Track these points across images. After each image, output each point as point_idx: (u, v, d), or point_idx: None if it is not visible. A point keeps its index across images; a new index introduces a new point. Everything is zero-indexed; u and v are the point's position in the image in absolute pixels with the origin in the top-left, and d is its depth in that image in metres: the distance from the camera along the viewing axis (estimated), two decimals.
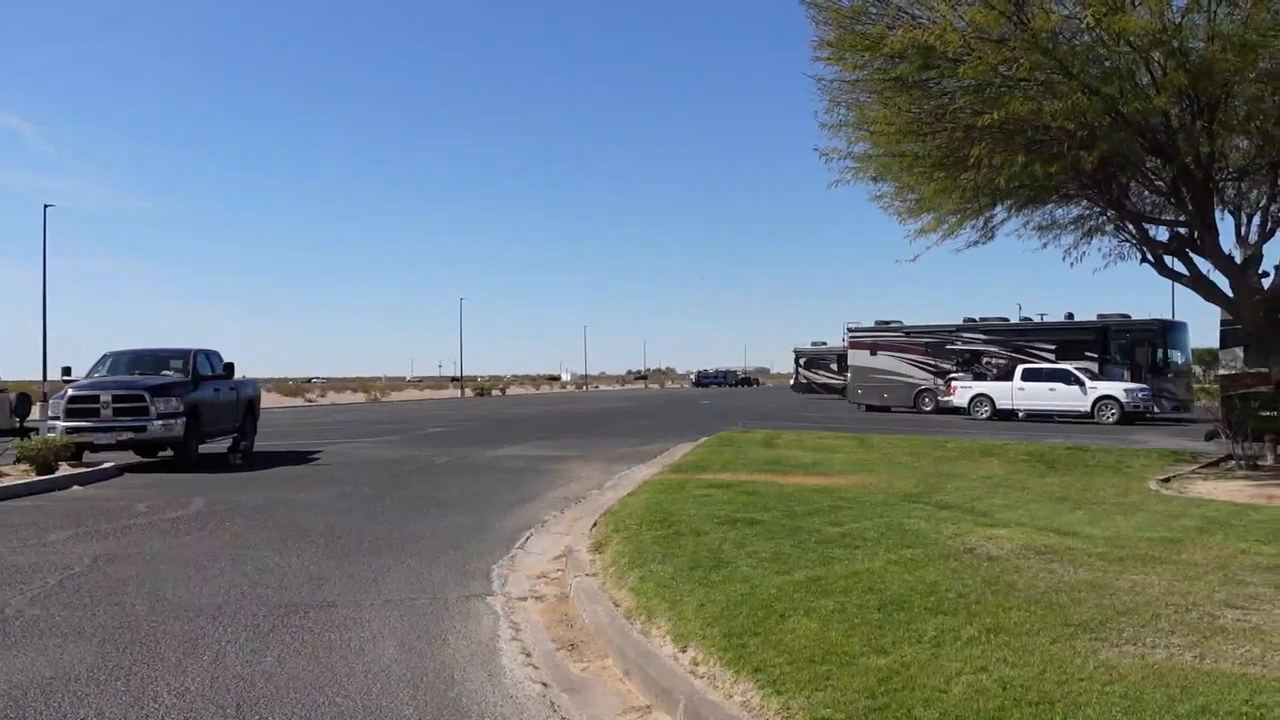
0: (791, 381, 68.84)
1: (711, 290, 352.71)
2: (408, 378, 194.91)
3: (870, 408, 41.21)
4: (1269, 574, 7.94)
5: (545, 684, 5.96)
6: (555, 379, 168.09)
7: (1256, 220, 17.43)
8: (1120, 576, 7.74)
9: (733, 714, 4.99)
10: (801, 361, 64.24)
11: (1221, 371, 21.94)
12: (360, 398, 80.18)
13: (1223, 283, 17.01)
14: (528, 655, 6.53)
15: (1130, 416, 31.20)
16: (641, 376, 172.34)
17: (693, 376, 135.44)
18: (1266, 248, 17.25)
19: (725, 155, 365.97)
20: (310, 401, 73.90)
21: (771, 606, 6.66)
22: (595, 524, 11.00)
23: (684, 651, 6.01)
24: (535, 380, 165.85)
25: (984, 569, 7.94)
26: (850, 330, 43.45)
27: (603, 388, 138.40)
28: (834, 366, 58.66)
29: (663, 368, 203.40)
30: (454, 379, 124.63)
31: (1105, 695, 4.89)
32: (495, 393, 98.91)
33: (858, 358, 42.32)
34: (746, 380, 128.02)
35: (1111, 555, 8.63)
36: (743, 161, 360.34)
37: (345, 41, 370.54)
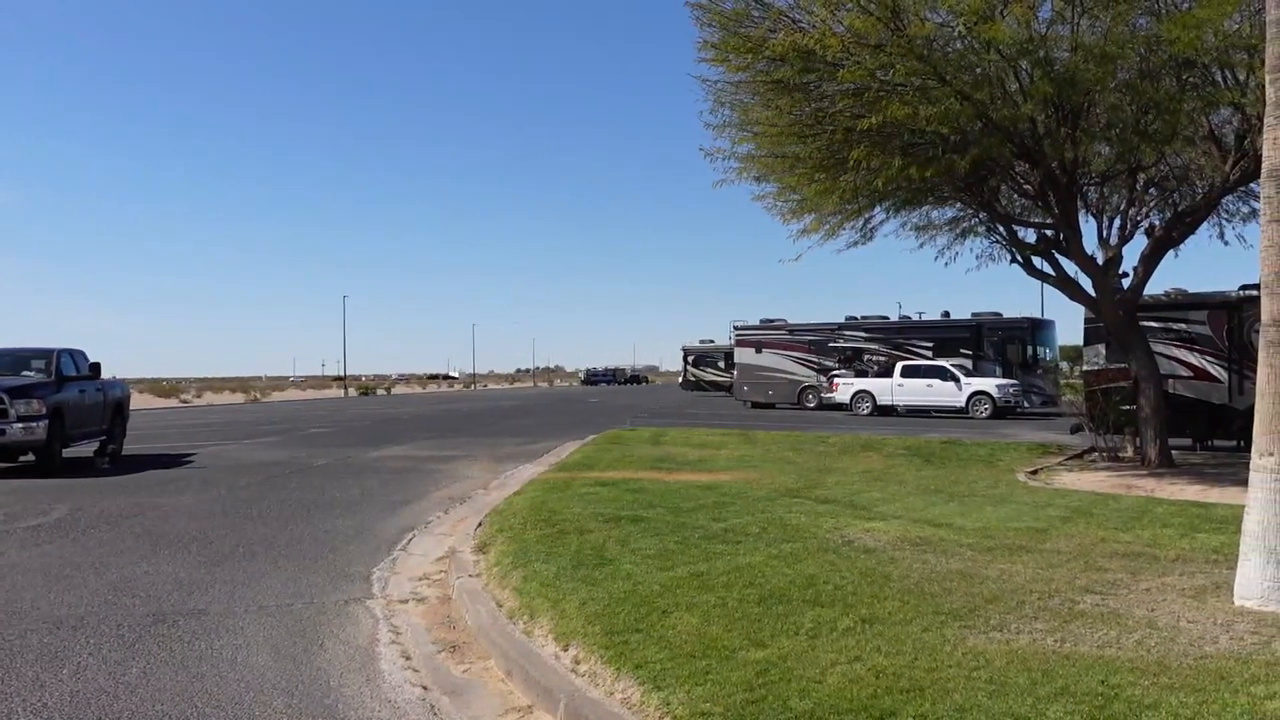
0: (680, 379, 69.41)
1: (601, 288, 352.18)
2: (291, 377, 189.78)
3: (756, 404, 41.85)
4: (1126, 560, 8.35)
5: (425, 687, 5.88)
6: (443, 378, 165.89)
7: (1117, 223, 18.33)
8: (989, 565, 8.04)
9: (614, 711, 5.01)
10: (690, 359, 64.86)
11: (1085, 367, 22.95)
12: (239, 398, 77.75)
13: (1086, 283, 17.81)
14: (408, 658, 6.44)
15: (1002, 411, 32.39)
16: (529, 375, 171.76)
17: (582, 374, 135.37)
18: (1125, 250, 18.15)
19: (615, 152, 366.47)
20: (185, 402, 71.35)
21: (654, 603, 6.71)
22: (480, 524, 10.90)
23: (566, 650, 6.00)
24: (422, 379, 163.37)
25: (861, 561, 8.15)
26: (737, 328, 44.05)
27: (491, 386, 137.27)
28: (721, 364, 59.39)
29: (552, 366, 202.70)
30: (338, 378, 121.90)
31: (972, 680, 5.07)
32: (380, 392, 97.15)
33: (744, 355, 42.93)
34: (636, 378, 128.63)
35: (981, 545, 8.96)
36: (633, 159, 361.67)
37: (218, 22, 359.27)
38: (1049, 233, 17.77)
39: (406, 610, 7.74)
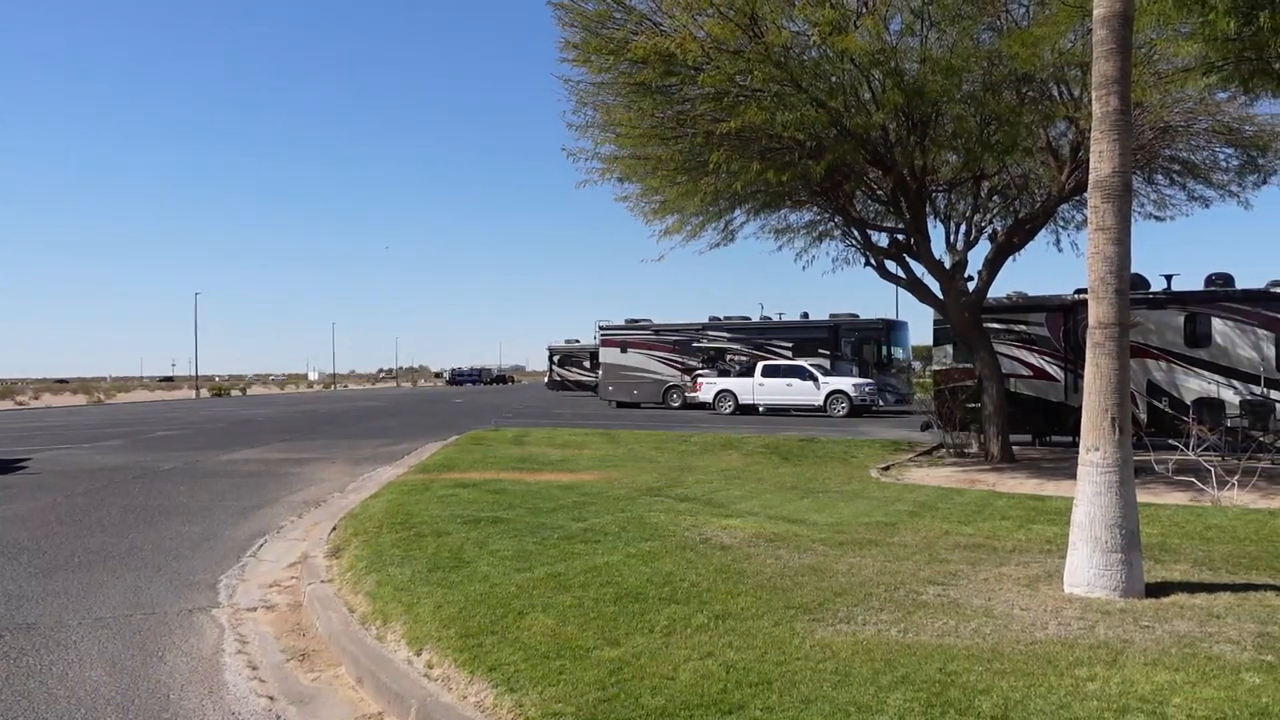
0: (546, 379, 69.18)
1: (466, 286, 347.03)
2: (141, 378, 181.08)
3: (621, 404, 42.06)
4: (967, 552, 8.72)
5: (272, 697, 5.71)
6: (301, 378, 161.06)
7: (963, 229, 19.15)
8: (839, 560, 8.28)
9: (466, 715, 4.96)
10: (555, 359, 64.71)
11: (934, 367, 23.87)
12: (81, 400, 73.80)
13: (935, 285, 18.54)
14: (254, 668, 6.23)
15: (858, 409, 33.38)
16: (392, 375, 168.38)
17: (447, 375, 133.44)
18: (971, 254, 19.00)
19: (481, 148, 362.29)
20: (21, 404, 67.31)
21: (510, 604, 6.68)
22: (334, 528, 10.65)
23: (419, 655, 5.92)
24: (280, 380, 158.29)
25: (717, 558, 8.28)
26: (602, 328, 44.15)
27: (352, 387, 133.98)
28: (587, 364, 59.43)
29: (416, 366, 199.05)
30: (189, 379, 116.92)
31: (818, 672, 5.21)
32: (235, 393, 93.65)
33: (609, 355, 43.08)
34: (501, 378, 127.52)
35: (833, 540, 9.22)
36: (499, 155, 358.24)
37: (46, 1, 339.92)
38: (900, 237, 18.43)
39: (254, 618, 7.49)
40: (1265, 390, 18.54)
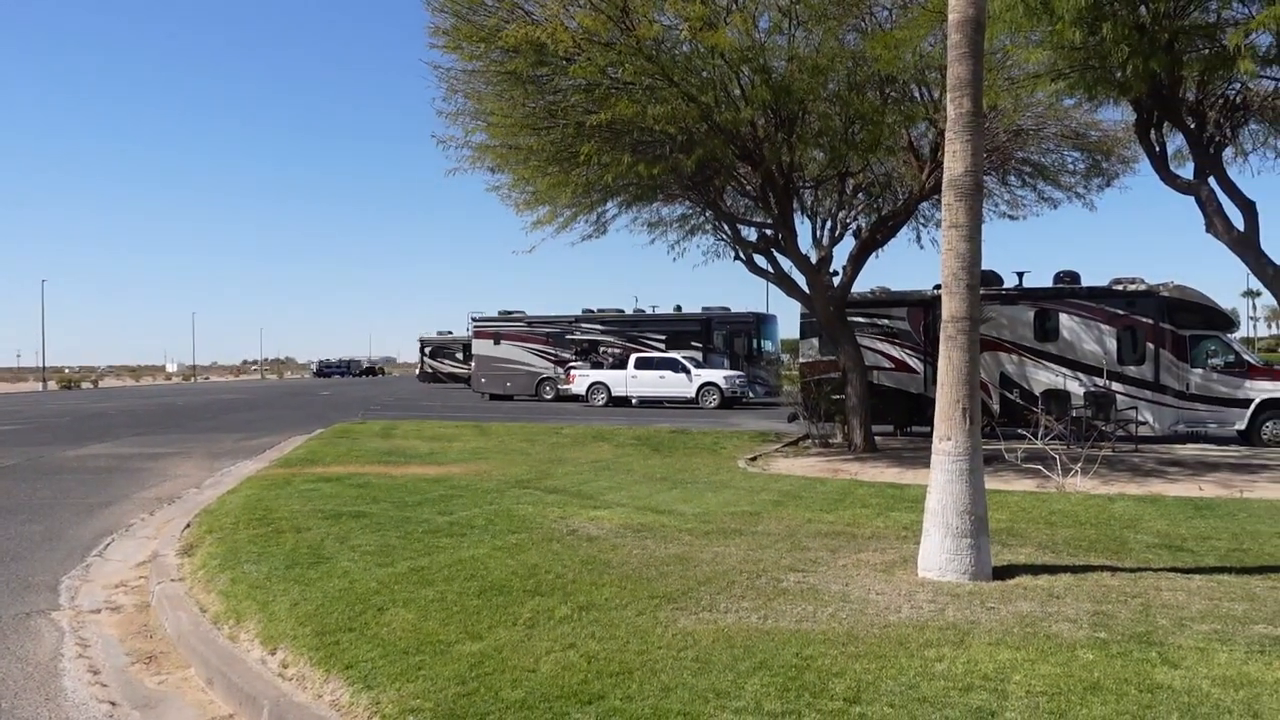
0: (418, 371, 68.04)
1: (335, 277, 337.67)
2: None
3: (494, 396, 41.70)
4: (828, 539, 8.95)
5: (114, 703, 5.46)
6: (159, 370, 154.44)
7: (828, 225, 19.62)
8: (705, 549, 8.39)
9: (320, 714, 4.84)
10: (427, 351, 63.66)
11: (801, 359, 24.41)
12: None
13: (801, 280, 18.95)
14: (96, 673, 5.95)
15: (729, 401, 33.87)
16: (256, 367, 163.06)
17: (314, 366, 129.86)
18: (836, 250, 19.51)
19: (349, 133, 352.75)
20: None
21: (370, 600, 6.54)
22: (188, 525, 10.25)
23: (273, 654, 5.74)
24: (135, 371, 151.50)
25: (583, 549, 8.29)
26: (475, 320, 43.66)
27: (214, 379, 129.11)
28: (460, 356, 58.66)
29: (282, 358, 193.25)
30: (36, 370, 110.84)
31: (679, 660, 5.26)
32: (86, 385, 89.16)
33: (482, 347, 42.64)
34: (371, 370, 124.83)
35: (699, 530, 9.33)
36: (369, 142, 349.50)
37: None
38: (769, 232, 18.77)
39: (98, 621, 7.15)
40: (1107, 382, 19.58)
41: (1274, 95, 15.28)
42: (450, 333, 62.24)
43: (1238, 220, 14.20)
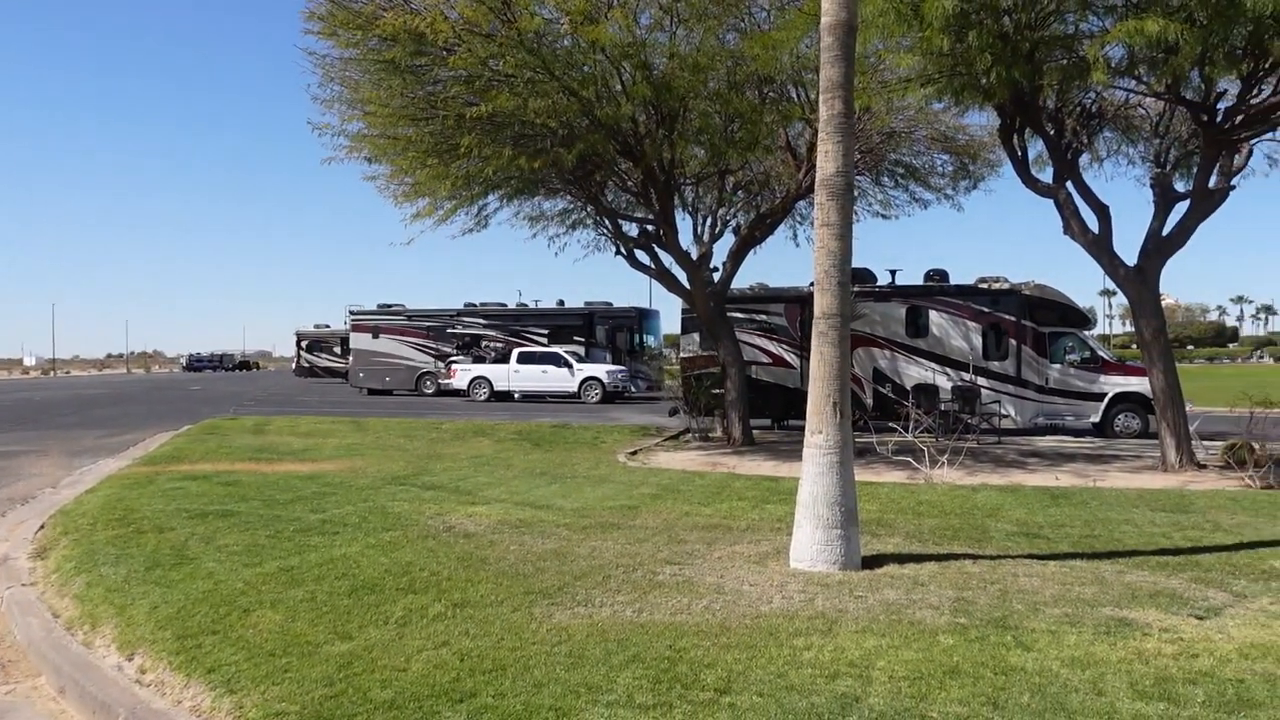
0: (294, 365, 66.21)
1: (206, 268, 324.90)
2: None
3: (373, 391, 40.88)
4: (704, 532, 9.06)
5: None
6: (16, 364, 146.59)
7: (709, 222, 19.86)
8: (582, 544, 8.40)
9: None
10: (304, 345, 61.94)
11: (681, 354, 24.65)
12: None
13: (682, 276, 19.13)
14: None
15: (611, 396, 33.99)
16: (122, 361, 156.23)
17: (184, 360, 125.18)
18: (716, 246, 19.74)
19: (218, 118, 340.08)
20: None
21: (235, 602, 6.35)
22: (42, 526, 9.76)
23: (130, 660, 5.52)
24: None
25: (459, 546, 8.21)
26: (353, 313, 42.72)
27: (76, 373, 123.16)
28: (338, 349, 57.23)
29: (150, 351, 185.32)
30: None
31: (553, 655, 5.26)
32: None
33: (360, 340, 41.75)
34: (245, 364, 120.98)
35: (577, 525, 9.34)
36: (237, 129, 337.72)
37: None
38: (650, 228, 18.89)
39: None
40: (973, 377, 20.34)
41: (1126, 105, 16.11)
42: (328, 326, 60.72)
43: (1093, 223, 14.92)
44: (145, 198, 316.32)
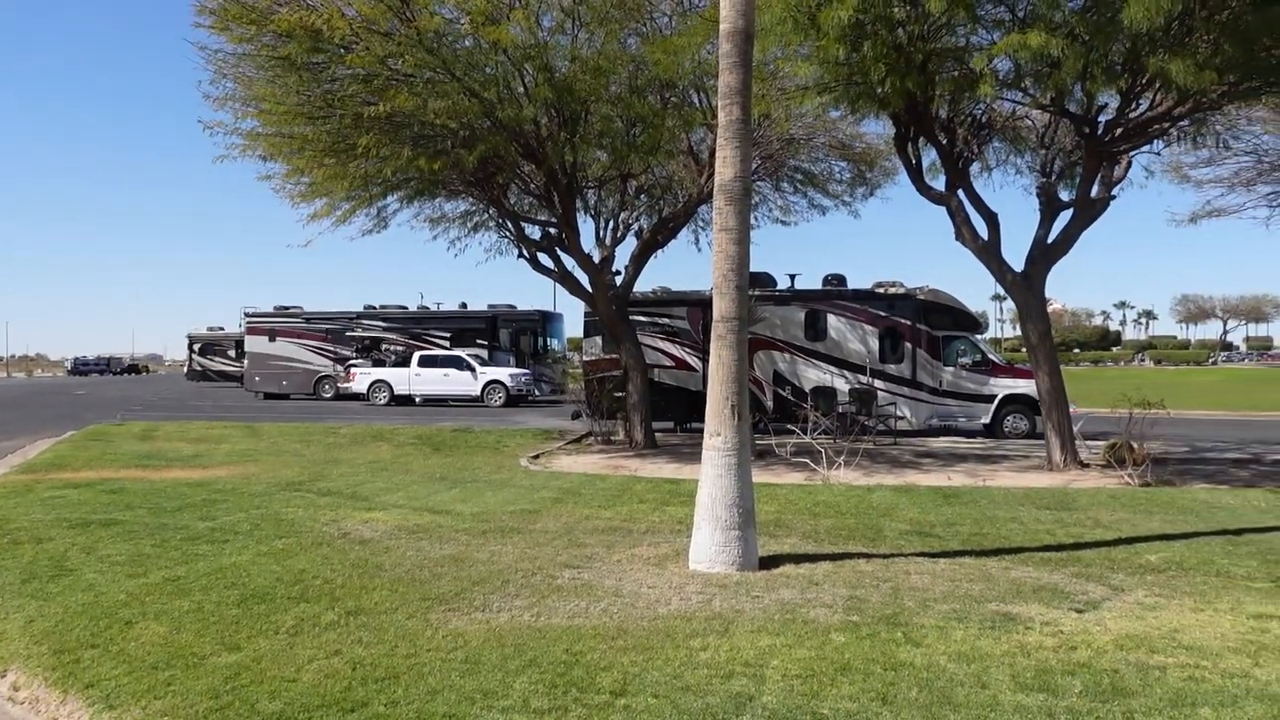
0: (186, 369, 64.22)
1: (93, 268, 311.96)
2: None
3: (269, 395, 39.87)
4: (604, 535, 9.07)
5: None
6: None
7: (611, 225, 19.88)
8: (481, 548, 8.33)
9: None
10: (196, 348, 60.10)
11: (584, 357, 24.62)
12: None
13: (584, 279, 19.10)
14: None
15: (515, 399, 33.75)
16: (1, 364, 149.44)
17: (68, 364, 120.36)
18: (618, 250, 19.77)
19: (102, 112, 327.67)
20: None
21: (117, 614, 6.13)
22: None
23: (3, 677, 5.29)
24: None
25: (355, 553, 8.07)
26: (248, 315, 41.62)
27: None
28: (232, 353, 55.68)
29: (32, 354, 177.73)
30: None
31: (448, 662, 5.21)
32: None
33: (256, 344, 40.68)
34: (134, 368, 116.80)
35: (476, 529, 9.26)
36: (124, 124, 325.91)
37: None
38: (552, 230, 18.82)
39: None
40: (870, 380, 20.79)
41: (1014, 116, 16.65)
42: (222, 329, 59.04)
43: (983, 230, 15.39)
44: (28, 190, 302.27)
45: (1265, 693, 4.85)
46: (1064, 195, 15.95)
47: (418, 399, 34.61)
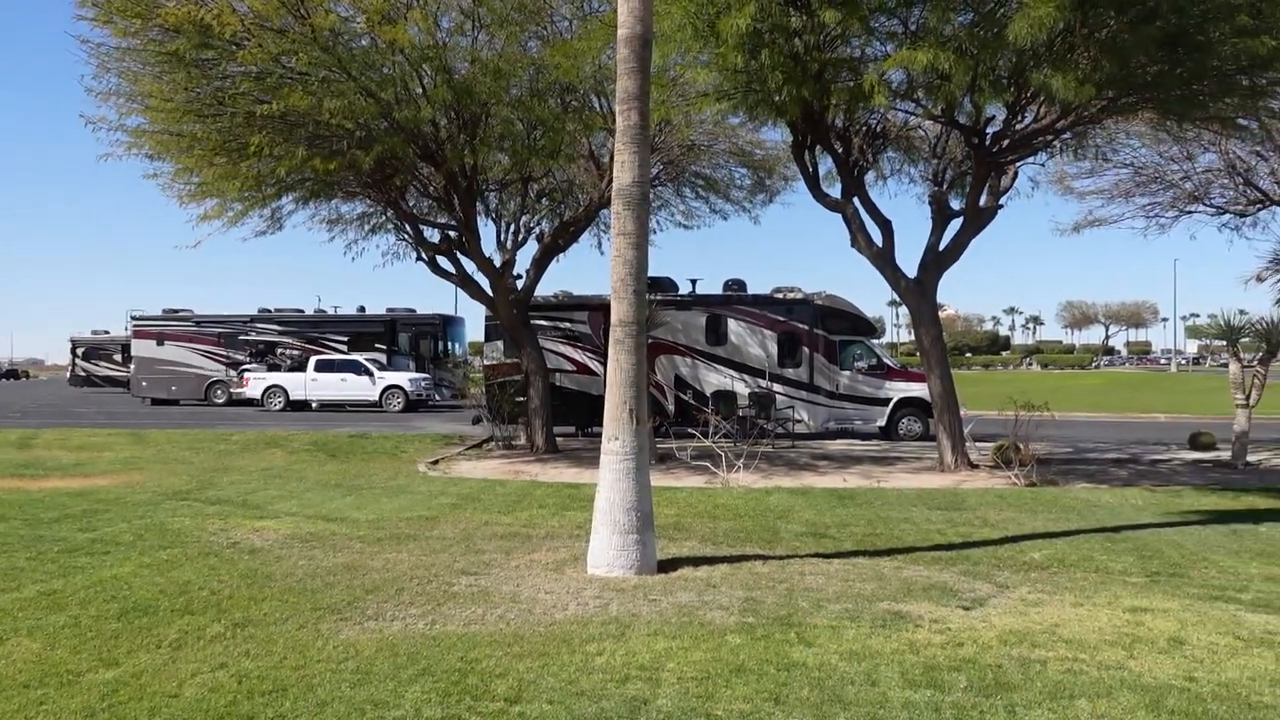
0: (69, 374, 61.71)
1: None
2: None
3: (158, 401, 38.53)
4: (503, 541, 9.00)
5: None
6: None
7: (512, 229, 19.75)
8: (376, 556, 8.19)
9: None
10: (80, 352, 57.82)
11: (485, 362, 24.42)
12: None
13: (485, 283, 18.93)
14: None
15: (414, 404, 33.28)
16: None
17: None
18: (520, 254, 19.67)
19: None
20: None
21: None
22: None
23: None
24: None
25: (244, 563, 7.85)
26: (135, 319, 40.20)
27: None
28: (119, 358, 53.73)
29: None
30: None
31: (339, 673, 5.10)
32: None
33: (143, 348, 39.27)
34: (13, 373, 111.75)
35: (371, 537, 9.10)
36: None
37: None
38: (452, 234, 18.60)
39: None
40: (769, 383, 21.07)
41: (907, 127, 17.09)
42: (107, 332, 56.96)
43: (878, 237, 15.75)
44: None
45: (1138, 683, 5.06)
46: (955, 204, 16.42)
47: (314, 404, 33.88)
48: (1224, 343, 17.35)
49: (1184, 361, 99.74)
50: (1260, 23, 10.98)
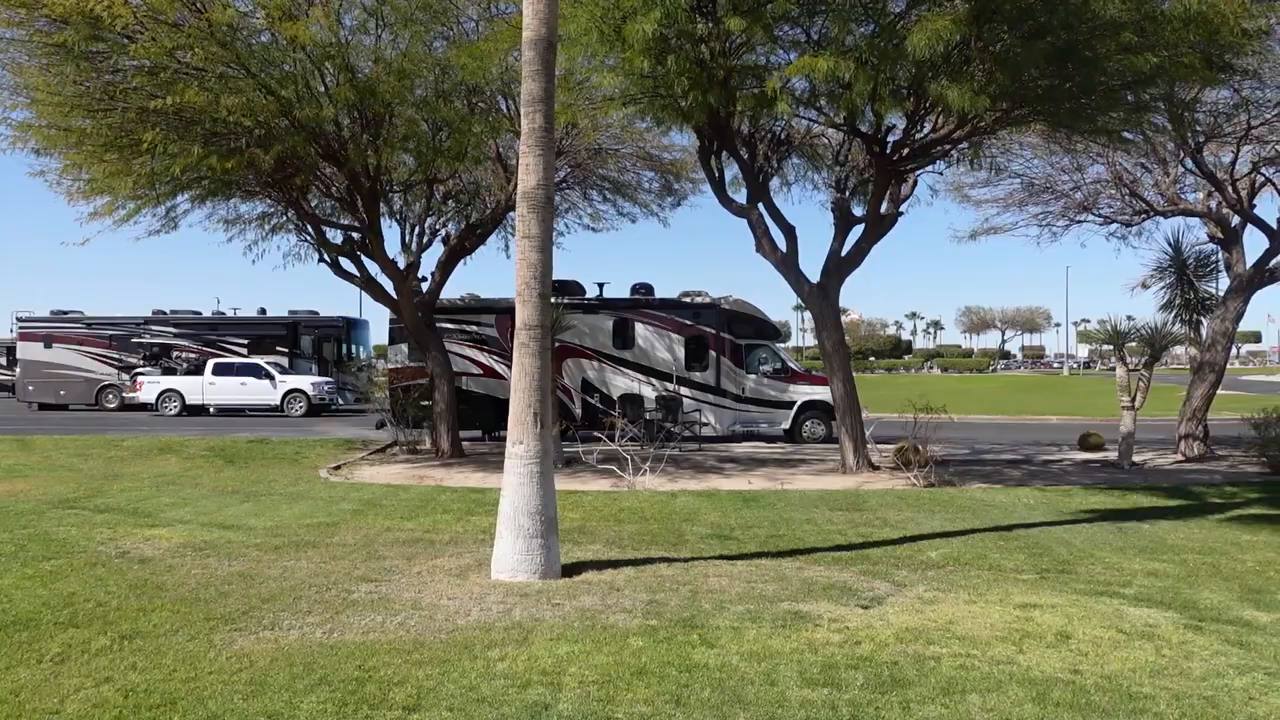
0: None
1: None
2: None
3: (45, 406, 37.02)
4: (405, 547, 8.88)
5: None
6: None
7: (417, 231, 19.51)
8: (273, 564, 8.00)
9: None
10: None
11: (390, 365, 24.06)
12: None
13: (389, 285, 18.65)
14: None
15: (317, 408, 32.61)
16: None
17: None
18: (425, 256, 19.45)
19: None
20: None
21: None
22: None
23: None
24: None
25: (133, 573, 7.59)
26: (20, 320, 38.59)
27: None
28: (3, 361, 51.58)
29: None
30: None
31: (231, 684, 4.97)
32: None
33: (29, 351, 37.70)
34: None
35: (269, 544, 8.89)
36: None
37: None
38: (355, 235, 18.29)
39: None
40: (676, 387, 21.20)
41: (811, 134, 17.38)
42: None
43: (783, 242, 15.97)
44: None
45: (1027, 677, 5.22)
46: (857, 211, 16.74)
47: (212, 409, 32.94)
48: (1112, 347, 18.03)
49: (1075, 365, 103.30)
50: (1144, 40, 11.44)
